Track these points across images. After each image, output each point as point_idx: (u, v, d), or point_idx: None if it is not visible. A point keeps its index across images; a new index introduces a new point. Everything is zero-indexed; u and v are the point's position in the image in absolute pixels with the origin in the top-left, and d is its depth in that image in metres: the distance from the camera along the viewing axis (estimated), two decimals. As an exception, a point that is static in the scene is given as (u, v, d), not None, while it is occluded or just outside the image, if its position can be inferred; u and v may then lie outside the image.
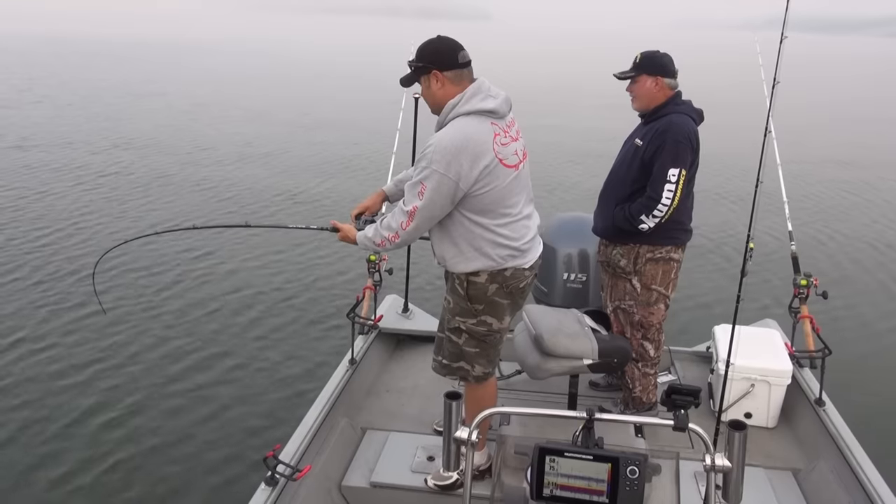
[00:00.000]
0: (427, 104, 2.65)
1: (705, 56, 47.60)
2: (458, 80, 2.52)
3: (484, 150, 2.44)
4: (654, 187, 3.03)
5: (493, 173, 2.47)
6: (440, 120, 2.56)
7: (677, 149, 3.00)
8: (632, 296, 3.23)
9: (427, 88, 2.58)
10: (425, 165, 2.43)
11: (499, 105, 2.53)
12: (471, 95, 2.49)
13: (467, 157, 2.41)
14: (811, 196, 10.47)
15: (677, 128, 3.03)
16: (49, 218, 8.15)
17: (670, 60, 3.16)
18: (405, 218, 2.51)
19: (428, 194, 2.44)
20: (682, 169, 3.00)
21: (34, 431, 4.20)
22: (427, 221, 2.52)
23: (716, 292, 6.64)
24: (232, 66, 27.23)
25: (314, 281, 6.67)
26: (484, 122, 2.49)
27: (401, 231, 2.53)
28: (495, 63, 32.09)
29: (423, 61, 2.54)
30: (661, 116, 3.11)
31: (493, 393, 2.90)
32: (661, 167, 3.01)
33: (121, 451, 4.05)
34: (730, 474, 1.84)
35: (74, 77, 23.02)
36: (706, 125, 3.20)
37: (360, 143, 13.37)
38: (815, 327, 3.70)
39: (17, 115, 15.36)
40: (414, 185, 2.47)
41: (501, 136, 2.51)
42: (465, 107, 2.48)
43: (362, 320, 3.87)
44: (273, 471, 2.58)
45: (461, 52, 2.54)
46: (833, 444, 3.06)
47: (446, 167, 2.40)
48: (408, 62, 2.59)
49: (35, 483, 3.78)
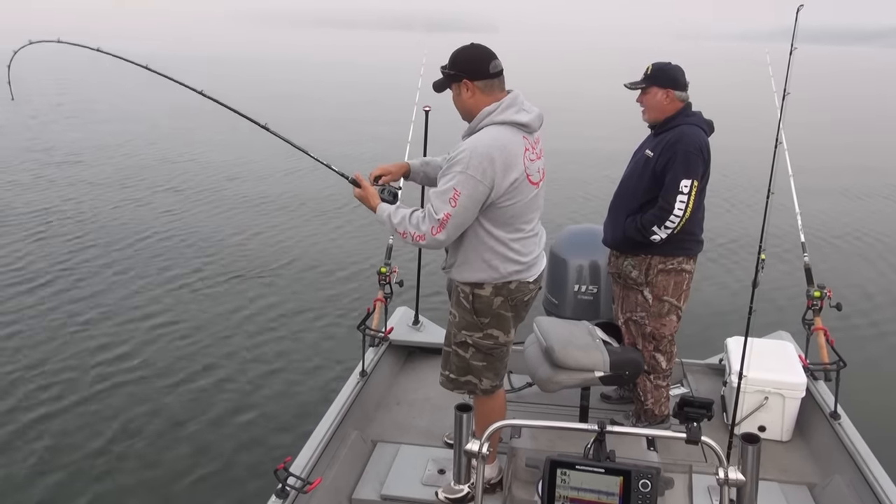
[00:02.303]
0: (457, 110, 2.63)
1: (709, 67, 47.54)
2: (489, 89, 2.53)
3: (516, 163, 2.45)
4: (667, 198, 3.02)
5: (520, 188, 2.48)
6: (472, 126, 2.55)
7: (689, 160, 3.00)
8: (643, 307, 3.22)
9: (458, 96, 2.57)
10: (460, 170, 2.39)
11: (532, 120, 2.54)
12: (507, 106, 2.50)
13: (501, 165, 2.41)
14: (824, 207, 10.39)
15: (689, 139, 3.03)
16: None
17: (682, 73, 3.16)
18: (436, 225, 2.43)
19: (462, 201, 2.40)
20: (694, 180, 3.00)
21: (36, 436, 4.23)
22: (457, 230, 2.48)
23: (728, 304, 6.59)
24: (242, 80, 27.44)
25: (325, 292, 6.69)
26: (517, 135, 2.50)
27: (429, 236, 2.46)
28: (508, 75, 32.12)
29: (454, 69, 2.54)
30: (672, 128, 3.10)
31: (503, 405, 2.89)
32: (674, 178, 3.01)
33: (128, 462, 4.06)
34: (744, 488, 1.82)
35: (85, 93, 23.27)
36: (715, 136, 3.19)
37: (370, 153, 13.42)
38: (829, 339, 3.66)
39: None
40: (445, 192, 2.41)
41: (530, 152, 2.53)
42: (501, 116, 2.49)
43: (373, 332, 3.87)
44: (284, 483, 2.58)
45: (493, 61, 2.53)
46: (849, 458, 3.03)
47: (482, 173, 2.39)
48: (440, 68, 2.59)
49: (46, 489, 3.80)
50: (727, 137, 4.47)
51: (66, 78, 25.62)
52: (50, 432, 4.32)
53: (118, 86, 22.70)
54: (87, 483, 3.88)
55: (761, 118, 7.60)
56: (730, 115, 13.53)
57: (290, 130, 2.91)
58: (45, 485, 3.86)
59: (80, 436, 4.30)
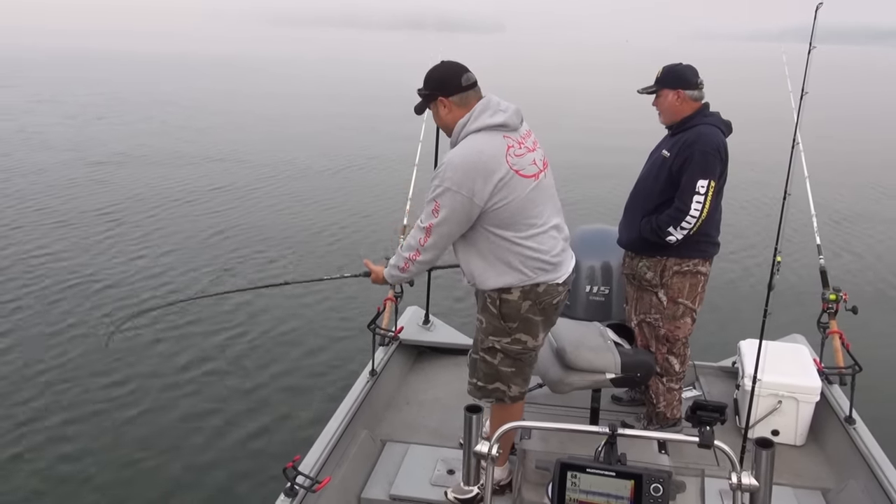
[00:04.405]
0: (440, 128, 2.69)
1: (724, 67, 47.20)
2: (465, 102, 2.55)
3: (496, 164, 2.45)
4: (683, 199, 2.99)
5: (510, 185, 2.46)
6: (452, 140, 2.60)
7: (706, 160, 2.97)
8: (658, 309, 3.18)
9: (437, 114, 2.63)
10: (438, 184, 2.45)
11: (508, 118, 2.53)
12: (479, 113, 2.52)
13: (480, 172, 2.42)
14: (840, 209, 10.29)
15: (706, 139, 3.00)
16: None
17: (693, 72, 3.12)
18: (422, 234, 2.52)
19: (443, 212, 2.46)
20: (711, 180, 2.97)
21: (44, 441, 4.26)
22: (445, 238, 2.52)
23: (742, 306, 6.52)
24: (248, 81, 27.57)
25: (335, 291, 6.69)
26: (495, 137, 2.50)
27: (420, 247, 2.53)
28: (509, 74, 32.17)
29: (428, 89, 2.60)
30: (689, 128, 3.07)
31: (521, 409, 2.87)
32: (690, 178, 2.97)
33: (136, 460, 4.08)
34: (757, 493, 1.79)
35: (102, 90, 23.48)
36: (732, 137, 3.16)
37: (379, 156, 13.44)
38: (844, 343, 3.61)
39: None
40: (428, 204, 2.50)
41: (516, 148, 2.51)
42: (475, 124, 2.51)
43: (383, 332, 3.86)
44: (292, 482, 2.58)
45: (465, 74, 2.57)
46: (864, 462, 2.99)
47: (458, 185, 2.41)
48: (417, 91, 2.63)
49: (58, 487, 3.83)
50: (742, 137, 4.42)
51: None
52: (71, 432, 4.37)
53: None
54: (99, 474, 3.92)
55: (779, 118, 7.53)
56: (746, 116, 13.40)
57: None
58: (69, 479, 3.90)
59: (96, 431, 4.34)
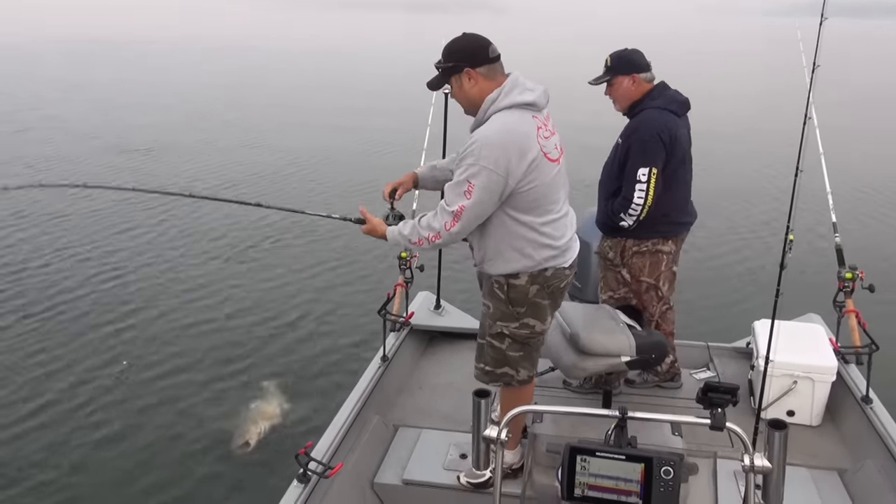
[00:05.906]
0: (460, 104, 2.57)
1: (734, 43, 46.40)
2: (492, 75, 2.47)
3: (530, 144, 2.40)
4: (627, 188, 3.11)
5: (539, 168, 2.42)
6: (478, 118, 2.50)
7: (644, 148, 3.05)
8: (624, 285, 3.34)
9: (459, 88, 2.51)
10: (472, 162, 2.35)
11: (537, 97, 2.48)
12: (510, 89, 2.44)
13: (515, 151, 2.36)
14: (856, 186, 10.12)
15: (646, 125, 3.08)
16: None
17: (640, 55, 3.20)
18: (450, 218, 2.41)
19: (477, 193, 2.36)
20: (651, 167, 3.04)
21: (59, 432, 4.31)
22: (473, 221, 2.45)
23: (756, 286, 6.47)
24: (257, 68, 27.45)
25: (345, 277, 6.70)
26: (525, 115, 2.45)
27: (443, 232, 2.44)
28: (521, 56, 31.83)
29: (452, 60, 2.48)
30: (637, 113, 3.16)
31: (531, 393, 2.86)
32: (631, 167, 3.08)
33: (149, 444, 4.14)
34: (770, 475, 1.77)
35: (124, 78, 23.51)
36: (742, 114, 3.11)
37: (387, 140, 13.38)
38: (861, 322, 3.57)
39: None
40: (459, 185, 2.39)
41: (543, 130, 2.47)
42: (506, 101, 2.43)
43: (394, 317, 3.86)
44: (305, 468, 2.59)
45: (490, 46, 2.49)
46: (881, 442, 2.96)
47: (495, 163, 2.34)
48: (435, 64, 2.53)
49: (82, 485, 3.89)
50: (754, 114, 4.35)
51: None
52: (96, 418, 4.42)
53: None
54: (103, 459, 3.99)
55: (792, 94, 7.41)
56: (755, 91, 13.21)
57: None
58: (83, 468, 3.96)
59: (113, 420, 4.39)
